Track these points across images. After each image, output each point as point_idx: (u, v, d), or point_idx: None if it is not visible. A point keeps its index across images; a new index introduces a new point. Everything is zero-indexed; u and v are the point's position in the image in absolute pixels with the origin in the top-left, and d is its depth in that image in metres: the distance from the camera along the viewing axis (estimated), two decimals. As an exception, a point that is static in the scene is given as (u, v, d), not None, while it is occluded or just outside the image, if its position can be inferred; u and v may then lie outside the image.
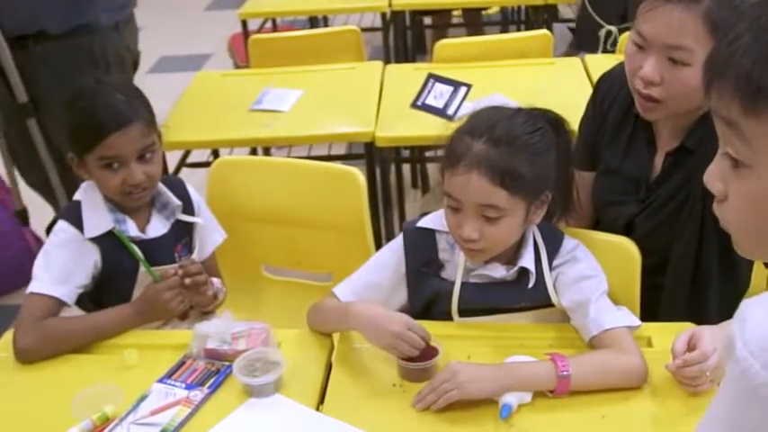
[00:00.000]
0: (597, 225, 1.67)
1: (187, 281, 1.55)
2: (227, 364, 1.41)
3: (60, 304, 1.51)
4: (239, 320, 1.48)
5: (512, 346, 1.40)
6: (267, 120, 2.46)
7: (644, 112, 1.48)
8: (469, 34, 4.40)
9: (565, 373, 1.28)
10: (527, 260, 1.41)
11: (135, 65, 2.58)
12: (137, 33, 2.57)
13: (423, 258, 1.47)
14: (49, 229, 1.57)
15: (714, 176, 0.79)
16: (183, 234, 1.66)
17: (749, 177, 0.75)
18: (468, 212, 1.34)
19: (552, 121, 1.39)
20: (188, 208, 1.67)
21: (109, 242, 1.54)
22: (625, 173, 1.60)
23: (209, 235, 1.74)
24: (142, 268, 1.56)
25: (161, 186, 1.61)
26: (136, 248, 1.55)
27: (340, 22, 4.88)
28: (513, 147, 1.31)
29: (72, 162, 1.56)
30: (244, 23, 3.72)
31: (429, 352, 1.36)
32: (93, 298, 1.60)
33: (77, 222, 1.54)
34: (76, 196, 1.58)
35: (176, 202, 1.63)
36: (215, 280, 1.66)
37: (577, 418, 1.27)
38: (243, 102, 2.56)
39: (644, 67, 1.41)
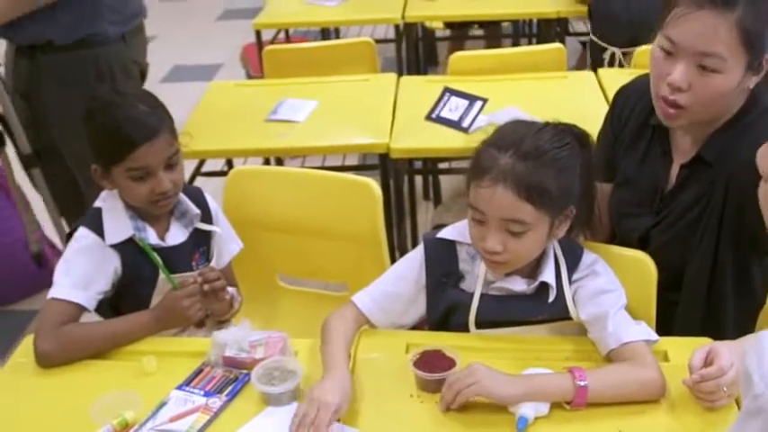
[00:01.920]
0: (613, 239, 1.68)
1: (206, 287, 1.56)
2: (244, 372, 1.42)
3: (81, 310, 1.52)
4: (257, 329, 1.49)
5: (528, 358, 1.41)
6: (282, 130, 2.48)
7: (666, 119, 1.48)
8: (488, 47, 4.43)
9: (582, 383, 1.28)
10: (548, 275, 1.42)
11: (143, 76, 2.59)
12: (145, 45, 2.59)
13: (443, 269, 1.47)
14: (69, 236, 1.58)
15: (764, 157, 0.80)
16: (200, 242, 1.67)
17: None
18: (492, 225, 1.34)
19: (578, 136, 1.39)
20: (206, 217, 1.68)
21: (129, 249, 1.56)
22: (640, 183, 1.61)
23: (226, 244, 1.75)
24: (161, 275, 1.57)
25: (180, 195, 1.63)
26: (156, 256, 1.56)
27: (352, 33, 4.91)
28: (540, 161, 1.31)
29: (95, 174, 1.56)
30: (258, 34, 3.74)
31: (446, 363, 1.36)
32: (113, 304, 1.61)
33: (98, 229, 1.55)
34: (97, 203, 1.60)
35: (195, 210, 1.64)
36: (231, 289, 1.67)
37: (594, 432, 1.28)
38: (257, 111, 2.58)
39: (673, 74, 1.40)
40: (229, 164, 2.97)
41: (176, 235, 1.63)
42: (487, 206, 1.33)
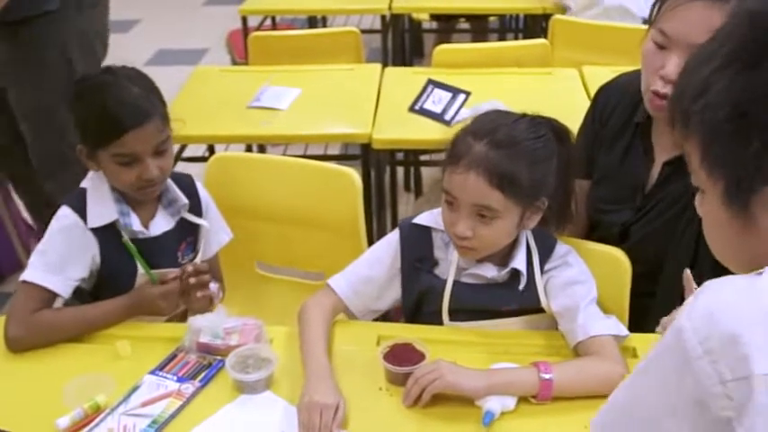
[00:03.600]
0: (591, 233, 1.69)
1: (192, 280, 1.52)
2: (218, 358, 1.42)
3: (54, 295, 1.50)
4: (232, 316, 1.49)
5: (498, 352, 1.42)
6: (265, 117, 2.47)
7: (655, 111, 1.47)
8: (474, 40, 4.43)
9: (547, 376, 1.30)
10: (519, 262, 1.43)
11: (104, 47, 2.59)
12: (107, 15, 2.59)
13: (418, 254, 1.49)
14: (53, 215, 1.54)
15: None
16: (187, 233, 1.64)
17: None
18: (463, 211, 1.36)
19: (556, 130, 1.40)
20: (196, 207, 1.65)
21: (110, 237, 1.53)
22: (621, 180, 1.62)
23: (215, 235, 1.72)
24: (141, 270, 1.54)
25: (169, 182, 1.59)
26: (134, 248, 1.52)
27: (339, 22, 4.89)
28: (513, 151, 1.33)
29: (81, 154, 1.52)
30: (244, 20, 3.73)
31: (416, 356, 1.37)
32: (94, 296, 1.59)
33: (81, 210, 1.52)
34: (83, 183, 1.56)
35: (183, 200, 1.61)
36: (212, 285, 1.61)
37: (560, 426, 1.29)
38: (241, 98, 2.57)
39: (666, 66, 1.39)
40: (211, 150, 2.96)
41: (160, 224, 1.59)
42: (459, 191, 1.35)
